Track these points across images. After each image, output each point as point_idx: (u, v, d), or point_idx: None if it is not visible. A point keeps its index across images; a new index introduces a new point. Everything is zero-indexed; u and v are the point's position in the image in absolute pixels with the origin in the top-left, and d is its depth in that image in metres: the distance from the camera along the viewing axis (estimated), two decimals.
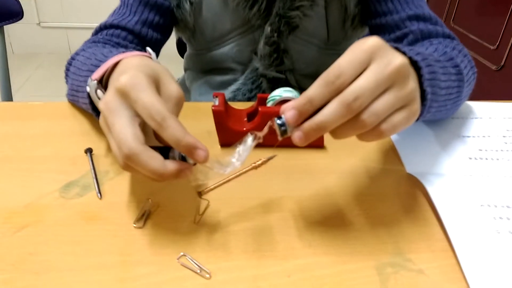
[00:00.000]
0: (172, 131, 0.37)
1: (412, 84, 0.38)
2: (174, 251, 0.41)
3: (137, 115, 0.38)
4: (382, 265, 0.41)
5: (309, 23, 0.71)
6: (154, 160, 0.37)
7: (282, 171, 0.52)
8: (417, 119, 0.41)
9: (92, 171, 0.50)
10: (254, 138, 0.40)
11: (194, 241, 0.42)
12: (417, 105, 0.39)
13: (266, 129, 0.40)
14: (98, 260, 0.40)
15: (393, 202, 0.48)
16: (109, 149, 0.54)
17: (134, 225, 0.43)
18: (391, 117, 0.37)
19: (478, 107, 0.68)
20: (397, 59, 0.36)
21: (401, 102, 0.37)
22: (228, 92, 0.78)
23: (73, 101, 0.61)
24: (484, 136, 0.61)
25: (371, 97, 0.35)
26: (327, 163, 0.54)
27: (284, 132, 0.38)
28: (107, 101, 0.39)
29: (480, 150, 0.58)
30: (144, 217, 0.44)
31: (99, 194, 0.47)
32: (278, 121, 0.38)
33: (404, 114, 0.37)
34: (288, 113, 0.37)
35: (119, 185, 0.48)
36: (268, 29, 0.70)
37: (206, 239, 0.42)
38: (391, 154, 0.56)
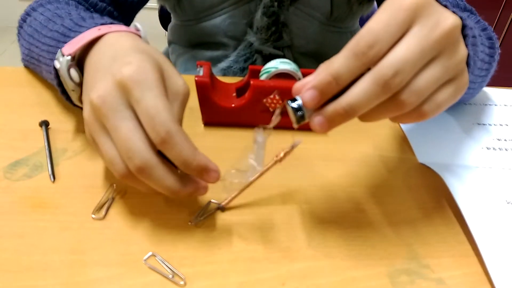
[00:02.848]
0: (179, 150, 0.30)
1: (463, 50, 0.30)
2: (140, 249, 0.33)
3: (137, 117, 0.31)
4: (395, 272, 0.34)
5: None
6: (171, 176, 0.31)
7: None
8: None
9: (47, 148, 0.41)
10: (264, 133, 0.33)
11: (167, 237, 0.34)
12: (466, 77, 0.31)
13: (276, 119, 0.33)
14: (44, 259, 0.32)
15: (405, 196, 0.41)
16: (72, 124, 0.45)
17: (93, 216, 0.35)
18: (436, 94, 0.29)
19: (492, 93, 0.61)
20: (447, 19, 0.28)
21: (449, 75, 0.29)
22: (217, 70, 0.69)
23: (33, 69, 0.52)
24: (501, 125, 0.54)
25: (413, 71, 0.28)
26: (328, 150, 0.46)
27: (301, 118, 0.30)
28: (104, 95, 0.31)
29: (499, 139, 0.51)
30: (106, 206, 0.36)
31: (52, 176, 0.38)
32: (293, 104, 0.30)
33: (450, 90, 0.30)
34: (306, 94, 0.29)
35: (77, 166, 0.40)
36: None
37: (182, 235, 0.35)
38: (400, 141, 0.49)
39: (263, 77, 0.47)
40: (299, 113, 0.30)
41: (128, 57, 0.32)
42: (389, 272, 0.34)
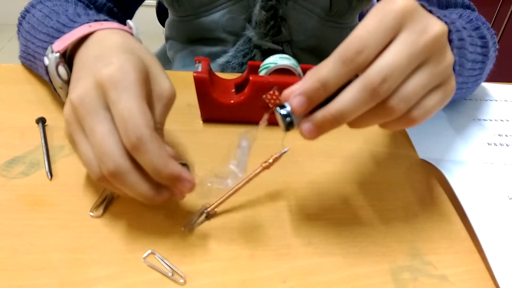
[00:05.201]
0: (150, 158, 0.29)
1: (449, 56, 0.30)
2: (140, 247, 0.33)
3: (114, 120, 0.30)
4: (398, 269, 0.33)
5: None
6: (145, 182, 0.30)
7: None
8: None
9: (43, 145, 0.40)
10: (249, 138, 0.33)
11: (166, 235, 0.34)
12: (453, 82, 0.31)
13: (263, 123, 0.32)
14: (42, 257, 0.31)
15: (406, 192, 0.41)
16: None
17: (91, 213, 0.35)
18: (424, 100, 0.29)
19: (492, 88, 0.61)
20: (434, 26, 0.28)
21: (436, 81, 0.29)
22: (215, 65, 0.69)
23: (29, 66, 0.51)
24: (502, 120, 0.54)
25: (401, 77, 0.28)
26: (327, 146, 0.46)
27: (289, 125, 0.30)
28: (82, 95, 0.30)
29: (500, 135, 0.51)
30: (105, 204, 0.35)
31: (49, 174, 0.38)
32: (282, 111, 0.30)
33: (438, 95, 0.30)
34: (294, 100, 0.29)
35: (75, 163, 0.39)
36: None
37: (181, 233, 0.34)
38: (400, 137, 0.49)
39: (262, 73, 0.47)
40: (288, 119, 0.30)
41: (111, 57, 0.31)
42: (392, 269, 0.33)
